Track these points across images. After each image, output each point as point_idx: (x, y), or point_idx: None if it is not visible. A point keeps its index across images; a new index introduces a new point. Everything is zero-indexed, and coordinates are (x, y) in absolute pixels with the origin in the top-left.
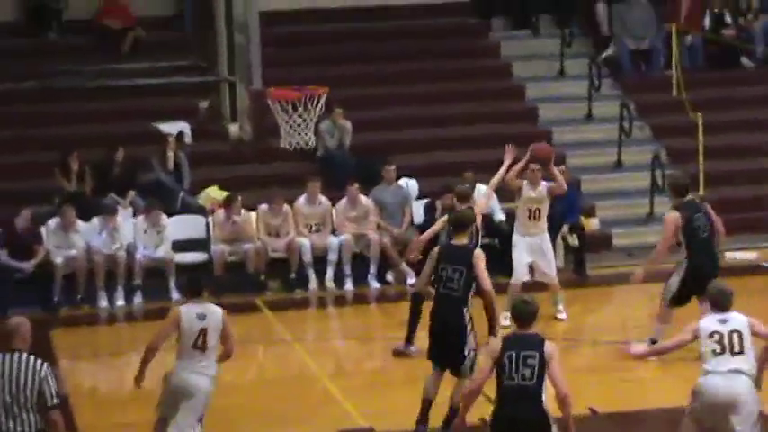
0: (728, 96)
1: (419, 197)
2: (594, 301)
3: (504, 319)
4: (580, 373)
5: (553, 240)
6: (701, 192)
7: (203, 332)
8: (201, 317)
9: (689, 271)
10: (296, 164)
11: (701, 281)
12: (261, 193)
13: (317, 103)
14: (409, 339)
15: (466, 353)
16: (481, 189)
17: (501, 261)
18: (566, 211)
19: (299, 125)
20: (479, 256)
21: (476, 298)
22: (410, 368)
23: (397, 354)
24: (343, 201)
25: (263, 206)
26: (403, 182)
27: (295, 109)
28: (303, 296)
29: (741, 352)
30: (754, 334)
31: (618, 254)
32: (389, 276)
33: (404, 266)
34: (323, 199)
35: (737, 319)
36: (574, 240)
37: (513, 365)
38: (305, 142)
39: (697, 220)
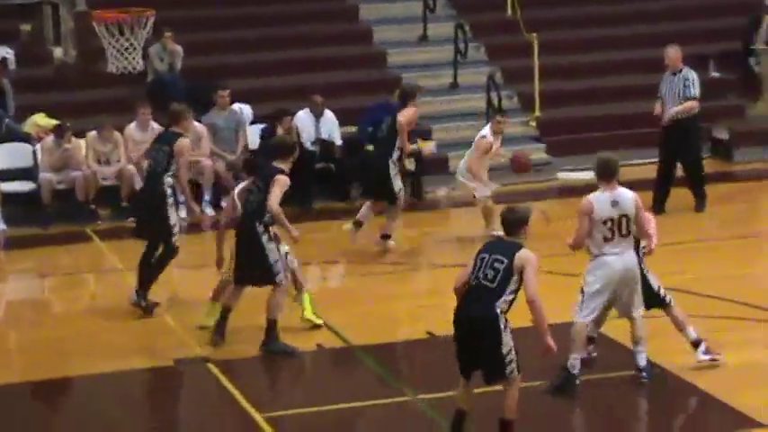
0: (562, 15)
1: (253, 122)
2: (431, 224)
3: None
4: (418, 297)
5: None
6: (537, 112)
7: None
8: None
9: None
10: (125, 89)
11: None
12: (89, 119)
13: (145, 25)
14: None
15: (272, 262)
16: (327, 114)
17: (336, 186)
18: None
19: (126, 48)
20: (279, 179)
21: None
22: (245, 296)
23: None
24: None
25: (93, 133)
26: (236, 106)
27: (122, 32)
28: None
29: (628, 233)
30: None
31: (454, 176)
32: (224, 203)
33: None
34: (154, 125)
35: (626, 201)
36: (410, 164)
37: (482, 266)
38: (132, 66)
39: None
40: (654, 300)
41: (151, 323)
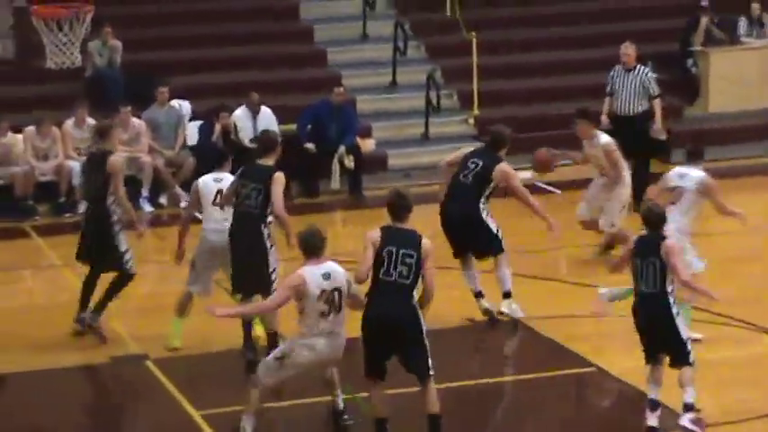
0: (502, 15)
1: (192, 118)
2: (371, 222)
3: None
4: None
5: (329, 162)
6: (476, 111)
7: (219, 192)
8: (218, 180)
9: None
10: (64, 84)
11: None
12: (28, 114)
13: (84, 21)
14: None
15: (271, 270)
16: (265, 111)
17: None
18: (342, 132)
19: (64, 44)
20: (278, 178)
21: None
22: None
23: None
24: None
25: (30, 128)
26: (175, 102)
27: (60, 28)
28: (73, 220)
29: None
30: None
31: (394, 174)
32: (162, 199)
33: (177, 189)
34: (91, 121)
35: None
36: (350, 162)
37: (392, 262)
38: (71, 62)
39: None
40: None
41: None
